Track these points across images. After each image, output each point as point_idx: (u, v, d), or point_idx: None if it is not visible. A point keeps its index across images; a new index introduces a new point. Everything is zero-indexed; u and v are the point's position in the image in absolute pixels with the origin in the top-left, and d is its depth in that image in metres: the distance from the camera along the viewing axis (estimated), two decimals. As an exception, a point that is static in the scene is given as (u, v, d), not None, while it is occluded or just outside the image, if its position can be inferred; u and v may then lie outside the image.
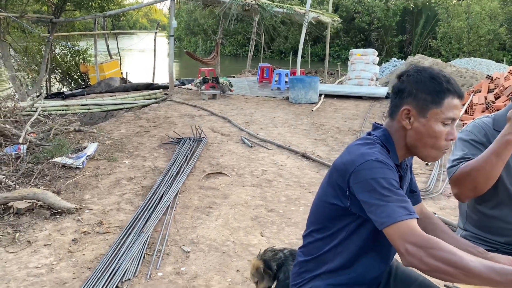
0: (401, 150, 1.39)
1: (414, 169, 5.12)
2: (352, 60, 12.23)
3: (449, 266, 1.11)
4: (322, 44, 17.91)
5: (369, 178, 1.24)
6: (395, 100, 1.38)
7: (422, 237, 1.16)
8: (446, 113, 1.31)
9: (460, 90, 1.33)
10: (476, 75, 10.97)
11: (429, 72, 1.33)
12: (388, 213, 1.19)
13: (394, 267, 1.61)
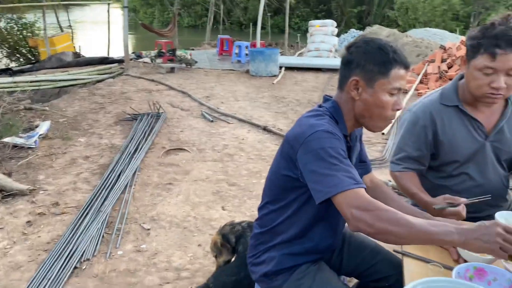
0: (350, 121, 1.41)
1: (370, 138, 5.29)
2: (311, 32, 12.23)
3: (394, 225, 1.14)
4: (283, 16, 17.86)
5: (318, 147, 1.26)
6: (344, 71, 1.38)
7: (368, 201, 1.19)
8: (393, 84, 1.32)
9: (406, 61, 1.34)
10: (430, 45, 11.28)
11: (377, 43, 1.34)
12: (335, 182, 1.21)
13: (347, 236, 1.67)
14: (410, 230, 1.14)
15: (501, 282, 1.20)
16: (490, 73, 1.58)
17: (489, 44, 1.56)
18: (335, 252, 1.63)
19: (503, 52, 1.54)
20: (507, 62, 1.55)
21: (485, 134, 1.76)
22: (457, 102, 1.76)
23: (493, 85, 1.59)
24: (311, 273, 1.45)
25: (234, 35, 19.07)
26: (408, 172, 1.82)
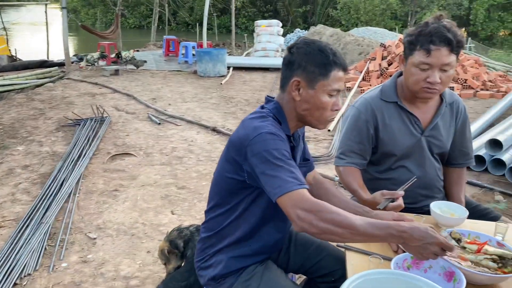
0: (293, 121, 1.43)
1: (317, 135, 5.41)
2: (257, 32, 12.33)
3: (337, 226, 1.17)
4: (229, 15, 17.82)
5: (263, 150, 1.27)
6: (286, 72, 1.40)
7: (311, 202, 1.21)
8: (332, 85, 1.35)
9: (344, 63, 1.38)
10: (372, 43, 11.71)
11: (317, 45, 1.37)
12: (279, 184, 1.23)
13: (293, 234, 1.69)
14: (352, 231, 1.17)
15: (436, 269, 1.27)
16: (426, 69, 1.67)
17: (424, 41, 1.65)
18: (282, 251, 1.65)
19: (436, 48, 1.63)
20: (440, 57, 1.64)
21: (421, 129, 1.84)
22: (396, 99, 1.83)
23: (429, 80, 1.67)
24: (258, 274, 1.46)
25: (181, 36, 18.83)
26: (351, 167, 1.87)
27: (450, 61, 1.66)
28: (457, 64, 1.75)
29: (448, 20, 1.71)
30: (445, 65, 1.66)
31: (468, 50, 17.08)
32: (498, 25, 29.39)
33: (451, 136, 1.92)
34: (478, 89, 8.27)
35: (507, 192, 3.80)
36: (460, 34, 1.67)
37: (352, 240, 1.22)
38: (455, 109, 1.91)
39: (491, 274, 1.21)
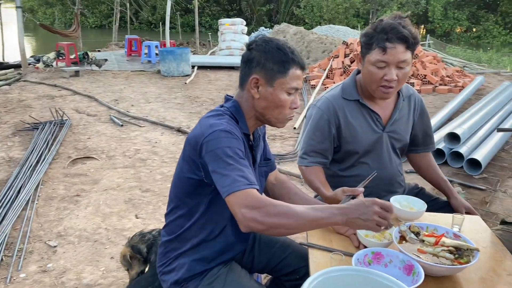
0: (251, 120, 1.43)
1: (283, 133, 5.44)
2: (221, 30, 12.27)
3: (283, 218, 1.17)
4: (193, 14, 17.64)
5: (216, 147, 1.26)
6: (245, 70, 1.39)
7: (257, 199, 1.20)
8: (290, 83, 1.36)
9: (302, 62, 1.39)
10: (334, 41, 11.88)
11: (276, 43, 1.37)
12: (229, 182, 1.21)
13: (258, 234, 1.68)
14: (297, 219, 1.17)
15: (396, 263, 1.29)
16: (383, 67, 1.69)
17: (380, 39, 1.67)
18: (246, 251, 1.64)
19: (392, 45, 1.65)
20: (396, 55, 1.66)
21: (382, 126, 1.87)
22: (357, 97, 1.85)
23: (386, 78, 1.69)
24: (222, 276, 1.44)
25: (144, 35, 18.51)
26: (314, 166, 1.89)
27: (406, 58, 1.68)
28: (412, 61, 1.79)
29: (404, 18, 1.73)
30: (401, 62, 1.68)
31: (427, 46, 17.65)
32: (454, 22, 30.53)
33: (410, 129, 1.97)
34: (437, 84, 8.54)
35: (465, 183, 3.94)
36: (415, 31, 1.70)
37: (300, 229, 1.21)
38: (412, 102, 1.96)
39: (448, 266, 1.24)
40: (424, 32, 30.59)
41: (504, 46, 25.68)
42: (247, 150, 1.41)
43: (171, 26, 11.22)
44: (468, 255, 1.29)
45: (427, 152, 2.07)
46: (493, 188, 3.89)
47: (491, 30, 30.30)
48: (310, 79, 9.11)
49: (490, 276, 1.31)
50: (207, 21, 30.62)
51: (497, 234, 1.76)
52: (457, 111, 6.32)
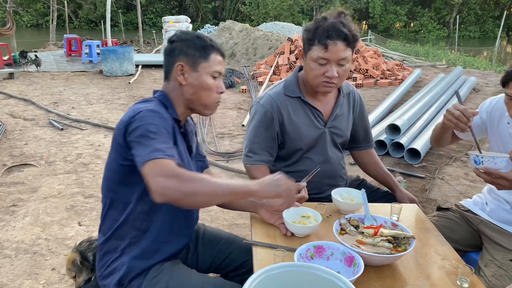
0: (180, 107, 1.46)
1: (231, 131, 5.42)
2: (166, 28, 12.03)
3: (198, 184, 1.17)
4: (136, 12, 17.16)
5: (140, 124, 1.27)
6: (168, 61, 1.45)
7: (173, 168, 1.18)
8: (213, 67, 1.44)
9: (222, 49, 1.48)
10: (280, 38, 12.01)
11: (195, 33, 1.48)
12: (146, 152, 1.20)
13: (201, 232, 1.67)
14: (214, 186, 1.19)
15: (337, 256, 1.31)
16: (324, 63, 1.72)
17: (321, 36, 1.69)
18: (190, 250, 1.63)
19: (333, 43, 1.67)
20: (337, 52, 1.69)
21: (324, 122, 1.91)
22: (299, 94, 1.87)
23: (327, 74, 1.72)
24: (167, 269, 1.41)
25: (84, 34, 17.81)
26: (259, 165, 1.88)
27: (346, 55, 1.71)
28: (354, 56, 1.83)
29: (345, 16, 1.76)
30: (341, 60, 1.71)
31: (368, 41, 18.29)
32: (394, 17, 31.89)
33: (350, 125, 2.02)
34: (378, 78, 8.87)
35: (406, 172, 4.12)
36: (355, 29, 1.73)
37: (217, 196, 1.21)
38: (352, 99, 2.01)
39: (386, 255, 1.28)
40: (366, 27, 31.71)
41: (439, 40, 27.15)
42: (179, 137, 1.44)
43: (113, 24, 10.85)
44: (405, 243, 1.34)
45: (369, 149, 2.13)
46: (431, 176, 4.10)
47: (426, 25, 31.98)
48: (257, 76, 9.15)
49: (426, 261, 1.37)
50: (151, 19, 29.93)
51: (433, 220, 1.86)
52: (397, 103, 6.61)
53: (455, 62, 13.65)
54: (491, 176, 1.47)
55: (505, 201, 1.73)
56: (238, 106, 7.03)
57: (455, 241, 1.76)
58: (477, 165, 1.48)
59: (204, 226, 1.73)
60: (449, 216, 1.89)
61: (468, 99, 7.24)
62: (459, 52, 17.57)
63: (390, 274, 1.29)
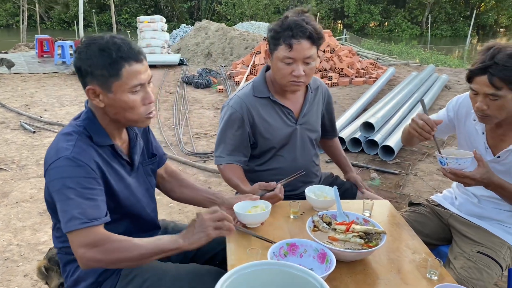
0: (111, 126, 1.34)
1: (208, 131, 5.39)
2: (140, 28, 11.88)
3: (125, 252, 1.18)
4: (110, 12, 16.86)
5: (57, 177, 1.20)
6: (80, 80, 1.28)
7: (96, 237, 1.17)
8: (130, 82, 1.24)
9: (134, 54, 1.24)
10: (256, 37, 12.03)
11: (98, 44, 1.22)
12: (65, 220, 1.17)
13: (170, 227, 1.67)
14: (140, 251, 1.19)
15: (310, 253, 1.33)
16: (290, 63, 1.72)
17: (286, 35, 1.69)
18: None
19: (297, 42, 1.68)
20: (302, 51, 1.70)
21: (295, 119, 1.92)
22: (267, 94, 1.87)
23: (294, 74, 1.73)
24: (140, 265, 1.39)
25: (57, 34, 17.42)
26: (231, 164, 1.88)
27: (311, 53, 1.73)
28: (330, 55, 1.85)
29: (308, 14, 1.78)
30: (307, 58, 1.72)
31: (344, 41, 18.50)
32: (368, 17, 32.36)
33: (320, 119, 2.05)
34: (353, 77, 8.98)
35: (381, 169, 4.19)
36: (319, 27, 1.75)
37: (144, 260, 1.22)
38: (320, 93, 2.03)
39: (358, 250, 1.30)
40: (341, 27, 32.06)
41: (412, 38, 27.70)
42: (115, 163, 1.35)
43: (86, 24, 10.67)
44: (377, 239, 1.36)
45: (335, 137, 2.24)
46: (405, 172, 4.18)
47: (400, 24, 32.55)
48: (234, 75, 9.14)
49: (397, 256, 1.40)
50: (126, 19, 29.51)
51: (405, 215, 1.90)
52: (371, 101, 6.71)
53: (428, 61, 13.95)
54: (456, 176, 1.52)
55: (473, 195, 1.78)
56: (215, 106, 7.01)
57: (426, 235, 1.80)
58: (443, 165, 1.54)
59: (174, 222, 1.73)
60: (420, 211, 1.93)
61: (440, 97, 7.41)
62: (431, 51, 17.96)
63: (362, 269, 1.32)
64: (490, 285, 1.58)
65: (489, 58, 1.46)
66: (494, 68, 1.45)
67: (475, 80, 1.52)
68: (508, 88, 1.46)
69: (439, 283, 1.19)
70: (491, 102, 1.50)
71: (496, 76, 1.45)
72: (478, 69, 1.49)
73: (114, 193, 1.34)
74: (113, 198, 1.33)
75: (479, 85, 1.50)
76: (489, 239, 1.68)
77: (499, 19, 34.53)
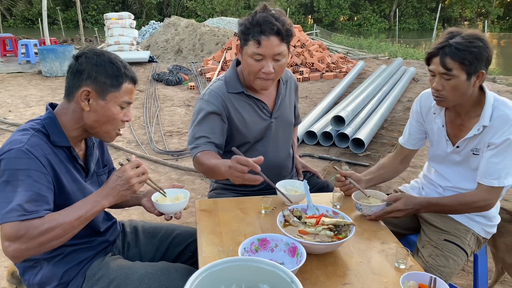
0: (76, 131, 1.37)
1: (180, 129, 5.33)
2: (108, 25, 11.63)
3: (46, 234, 1.17)
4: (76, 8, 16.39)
5: (7, 168, 1.20)
6: (73, 81, 1.33)
7: (18, 228, 1.15)
8: (123, 97, 1.36)
9: (135, 76, 1.40)
10: (227, 33, 11.98)
11: (108, 57, 1.35)
12: (3, 212, 1.16)
13: (139, 227, 1.67)
14: (63, 227, 1.19)
15: (281, 247, 1.33)
16: (260, 59, 1.71)
17: (255, 31, 1.68)
18: (131, 246, 1.62)
19: (266, 38, 1.67)
20: (271, 47, 1.69)
21: (269, 113, 1.91)
22: (241, 89, 1.85)
23: (263, 71, 1.72)
24: (108, 264, 1.41)
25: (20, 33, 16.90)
26: (209, 151, 1.76)
27: (281, 50, 1.71)
28: (301, 50, 1.85)
29: (277, 9, 1.77)
30: (277, 55, 1.71)
31: (314, 35, 18.65)
32: (338, 11, 32.71)
33: (293, 110, 2.06)
34: (324, 71, 9.08)
35: (351, 162, 4.25)
36: (289, 23, 1.73)
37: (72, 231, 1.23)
38: (289, 85, 2.04)
39: (328, 242, 1.32)
40: (311, 22, 32.32)
41: (381, 32, 28.18)
42: (69, 164, 1.35)
43: (51, 22, 10.37)
44: (346, 230, 1.38)
45: (298, 125, 2.24)
46: (375, 164, 4.25)
47: (369, 18, 33.06)
48: (205, 72, 9.08)
49: (367, 247, 1.42)
50: (93, 16, 28.81)
51: (375, 206, 1.93)
52: (342, 95, 6.80)
53: (396, 54, 14.23)
54: (383, 215, 1.62)
55: (438, 185, 1.84)
56: (186, 103, 6.95)
57: (395, 225, 1.84)
58: (358, 211, 1.63)
59: (143, 221, 1.73)
60: (389, 201, 1.97)
61: (408, 89, 7.58)
62: (399, 44, 18.33)
63: (332, 261, 1.33)
64: (456, 271, 1.63)
65: (446, 40, 1.52)
66: (447, 49, 1.51)
67: (432, 61, 1.57)
68: (460, 69, 1.51)
69: (407, 272, 1.22)
70: (446, 82, 1.56)
71: (447, 56, 1.51)
72: (434, 51, 1.55)
73: (67, 193, 1.32)
74: (65, 198, 1.31)
75: (435, 65, 1.56)
76: (454, 227, 1.73)
77: (464, 12, 35.58)
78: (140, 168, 1.32)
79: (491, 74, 10.31)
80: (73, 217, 1.21)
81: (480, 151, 1.63)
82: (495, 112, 1.58)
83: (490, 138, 1.58)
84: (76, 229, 1.24)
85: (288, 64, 8.88)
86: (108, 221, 1.56)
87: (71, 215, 1.21)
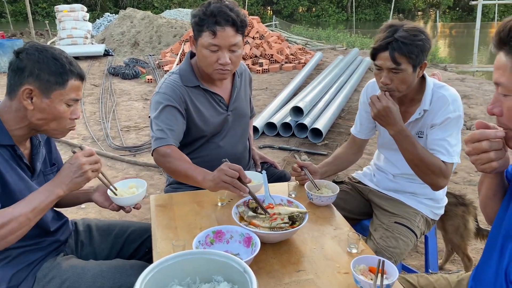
0: (21, 130, 1.32)
1: (137, 124, 5.23)
2: (59, 18, 11.19)
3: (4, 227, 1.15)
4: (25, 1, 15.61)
5: None
6: (14, 79, 1.27)
7: None
8: (70, 94, 1.31)
9: (82, 72, 1.35)
10: (185, 25, 11.81)
11: (51, 53, 1.29)
12: None
13: (92, 225, 1.65)
14: (18, 220, 1.17)
15: (236, 238, 1.34)
16: (216, 50, 1.70)
17: (210, 22, 1.66)
18: (85, 244, 1.59)
19: (221, 28, 1.66)
20: (226, 38, 1.68)
21: (226, 106, 1.91)
22: (197, 82, 1.83)
23: (220, 62, 1.71)
24: (60, 264, 1.38)
25: (-36, 27, 15.93)
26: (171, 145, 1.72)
27: (237, 41, 1.71)
28: (260, 42, 1.84)
29: (230, 0, 1.76)
30: (233, 46, 1.71)
31: (274, 27, 18.72)
32: (297, 2, 32.95)
33: (248, 103, 2.07)
34: (283, 63, 9.14)
35: (310, 151, 4.33)
36: (243, 13, 1.73)
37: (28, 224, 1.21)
38: (244, 78, 2.05)
39: (281, 231, 1.34)
40: (271, 13, 32.38)
41: (339, 23, 28.68)
42: (13, 163, 1.30)
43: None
44: (301, 219, 1.41)
45: (253, 117, 2.22)
46: (332, 152, 4.35)
47: (327, 9, 33.53)
48: (163, 64, 8.93)
49: (320, 233, 1.46)
50: (44, 8, 27.58)
51: (329, 193, 1.97)
52: (301, 86, 6.88)
53: (354, 44, 14.53)
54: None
55: (389, 173, 1.91)
56: (144, 97, 6.82)
57: (349, 211, 1.90)
58: (309, 200, 1.66)
59: (97, 219, 1.71)
60: (343, 188, 2.02)
61: (364, 79, 7.76)
62: (357, 35, 18.71)
63: (287, 249, 1.36)
64: (406, 251, 1.70)
65: (390, 35, 1.56)
66: (394, 44, 1.55)
67: (379, 56, 1.61)
68: (407, 63, 1.57)
69: (359, 256, 1.26)
70: (394, 75, 1.61)
71: (396, 51, 1.55)
72: (380, 46, 1.59)
73: (13, 193, 1.27)
74: (11, 197, 1.26)
75: (382, 60, 1.60)
76: (404, 210, 1.80)
77: (417, 3, 36.74)
78: (93, 157, 1.31)
79: (443, 63, 10.73)
80: (27, 209, 1.19)
81: (424, 134, 1.72)
82: (434, 96, 1.67)
83: (432, 120, 1.67)
84: (32, 222, 1.21)
85: (248, 55, 8.87)
86: (58, 221, 1.52)
87: (25, 207, 1.19)
